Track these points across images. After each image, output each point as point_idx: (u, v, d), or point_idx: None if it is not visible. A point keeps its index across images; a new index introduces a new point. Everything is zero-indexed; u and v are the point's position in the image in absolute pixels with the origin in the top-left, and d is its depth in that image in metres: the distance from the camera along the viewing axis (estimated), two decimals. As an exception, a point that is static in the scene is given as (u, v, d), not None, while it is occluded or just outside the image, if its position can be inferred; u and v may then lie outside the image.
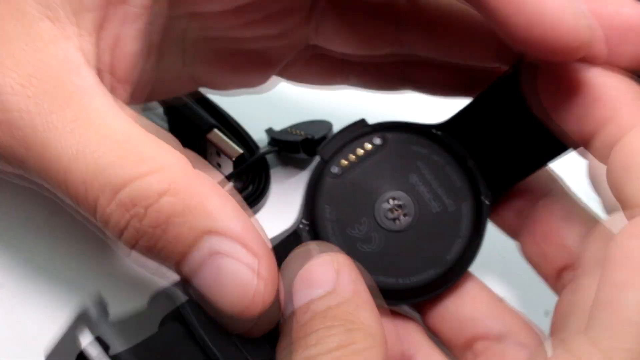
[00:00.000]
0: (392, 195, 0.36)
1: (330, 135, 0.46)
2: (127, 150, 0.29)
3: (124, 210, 0.29)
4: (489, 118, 0.36)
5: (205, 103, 0.47)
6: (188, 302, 0.30)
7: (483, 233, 0.37)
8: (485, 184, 0.37)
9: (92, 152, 0.29)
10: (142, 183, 0.29)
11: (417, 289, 0.36)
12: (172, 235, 0.29)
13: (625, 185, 0.30)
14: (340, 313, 0.31)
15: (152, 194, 0.29)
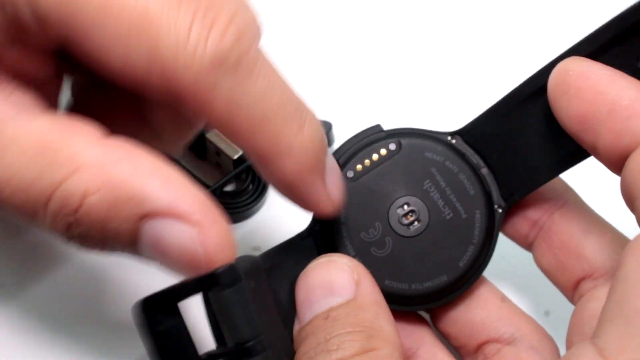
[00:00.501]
0: (406, 201, 0.37)
1: (329, 136, 0.46)
2: (41, 159, 0.29)
3: (58, 222, 0.29)
4: (506, 126, 0.36)
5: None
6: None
7: (495, 241, 0.37)
8: (499, 192, 0.37)
9: (13, 174, 0.29)
10: (63, 190, 0.28)
11: (430, 295, 0.36)
12: (112, 233, 0.29)
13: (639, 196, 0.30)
14: (361, 320, 0.31)
15: (75, 199, 0.28)
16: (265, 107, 0.30)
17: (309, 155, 0.31)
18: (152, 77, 0.28)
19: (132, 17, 0.28)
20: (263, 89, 0.29)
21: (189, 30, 0.28)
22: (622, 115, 0.31)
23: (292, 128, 0.30)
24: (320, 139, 0.32)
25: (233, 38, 0.28)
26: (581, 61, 0.33)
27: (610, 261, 0.36)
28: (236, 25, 0.29)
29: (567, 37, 0.35)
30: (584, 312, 0.35)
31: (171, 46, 0.28)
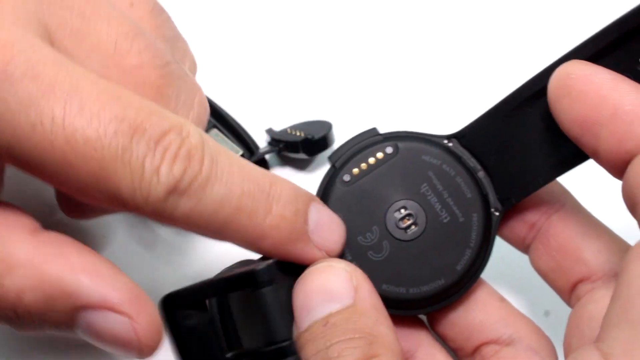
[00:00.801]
0: (403, 205, 0.36)
1: (329, 136, 0.46)
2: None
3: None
4: (503, 129, 0.36)
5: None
6: None
7: (492, 244, 0.37)
8: (495, 196, 0.37)
9: None
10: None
11: (427, 299, 0.36)
12: (50, 322, 0.31)
13: None
14: (361, 326, 0.31)
15: (11, 296, 0.30)
16: (226, 211, 0.31)
17: (283, 231, 0.32)
18: (114, 206, 0.30)
19: (93, 169, 0.29)
20: (220, 197, 0.31)
21: (142, 168, 0.29)
22: (625, 119, 0.31)
23: (258, 217, 0.32)
24: (292, 211, 0.33)
25: (183, 164, 0.30)
26: (583, 64, 0.33)
27: (609, 264, 0.36)
28: (187, 146, 0.30)
29: (565, 41, 0.35)
30: (583, 314, 0.35)
31: (128, 187, 0.29)
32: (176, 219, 0.31)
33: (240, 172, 0.32)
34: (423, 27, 0.54)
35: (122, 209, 0.30)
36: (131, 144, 0.29)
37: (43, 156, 0.29)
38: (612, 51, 0.33)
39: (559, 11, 0.55)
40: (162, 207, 0.30)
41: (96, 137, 0.29)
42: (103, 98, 0.29)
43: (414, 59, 0.53)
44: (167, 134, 0.30)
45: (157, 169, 0.29)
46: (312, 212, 0.34)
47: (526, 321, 0.38)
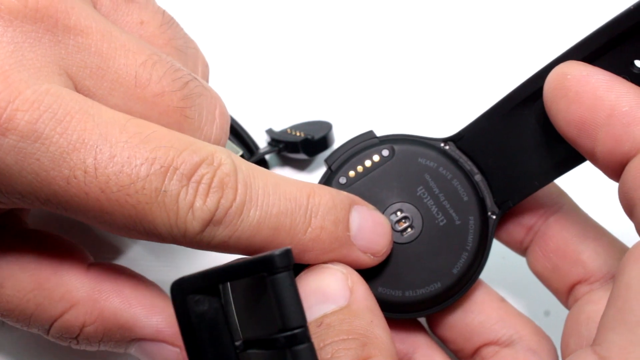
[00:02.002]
0: (399, 207, 0.36)
1: (329, 136, 0.46)
2: (38, 295, 0.34)
3: (60, 341, 0.35)
4: (500, 131, 0.36)
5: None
6: None
7: (489, 247, 0.37)
8: (492, 199, 0.37)
9: (14, 307, 0.34)
10: (62, 322, 0.34)
11: (424, 302, 0.36)
12: (107, 347, 0.35)
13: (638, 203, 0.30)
14: (355, 328, 0.31)
15: (74, 329, 0.34)
16: (265, 233, 0.32)
17: (325, 243, 0.33)
18: (153, 240, 0.32)
19: (129, 213, 0.30)
20: (257, 220, 0.32)
21: (176, 206, 0.30)
22: (621, 121, 0.31)
23: (298, 233, 0.33)
24: (332, 221, 0.33)
25: (217, 195, 0.31)
26: (580, 65, 0.32)
27: (606, 266, 0.36)
28: (219, 176, 0.31)
29: (559, 42, 0.35)
30: (581, 315, 0.35)
31: (165, 226, 0.30)
32: (215, 247, 0.32)
33: (275, 191, 0.32)
34: (421, 30, 0.54)
35: (160, 241, 0.31)
36: (163, 185, 0.30)
37: (80, 206, 0.30)
38: (606, 52, 0.32)
39: (553, 13, 0.55)
40: (200, 238, 0.31)
41: (129, 182, 0.29)
42: (132, 142, 0.30)
43: (412, 62, 0.53)
44: (198, 167, 0.31)
45: (191, 205, 0.30)
46: (354, 217, 0.34)
47: (526, 321, 0.38)
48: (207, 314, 0.29)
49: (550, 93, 0.33)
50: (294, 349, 0.27)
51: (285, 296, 0.28)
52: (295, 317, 0.28)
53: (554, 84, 0.33)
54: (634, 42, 0.32)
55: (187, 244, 0.31)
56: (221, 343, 0.29)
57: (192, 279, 0.29)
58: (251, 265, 0.28)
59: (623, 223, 0.34)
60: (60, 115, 0.29)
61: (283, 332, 0.28)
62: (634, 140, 0.30)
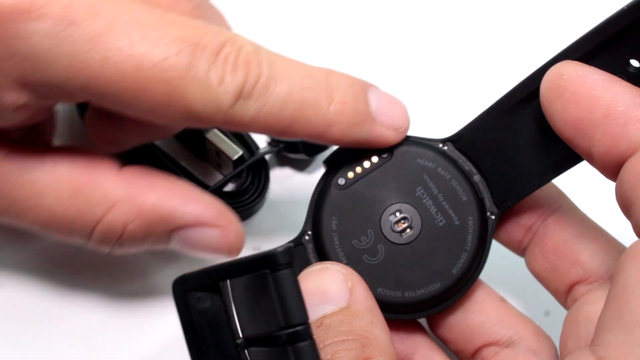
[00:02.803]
0: (398, 208, 0.36)
1: None
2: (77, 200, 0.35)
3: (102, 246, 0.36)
4: (498, 132, 0.36)
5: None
6: None
7: (488, 248, 0.37)
8: (491, 199, 0.37)
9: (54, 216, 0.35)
10: (104, 224, 0.35)
11: (423, 302, 0.36)
12: (148, 244, 0.37)
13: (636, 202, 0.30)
14: (355, 328, 0.31)
15: (117, 229, 0.35)
16: (292, 107, 0.34)
17: (348, 116, 0.35)
18: (190, 122, 0.34)
19: (163, 89, 0.32)
20: (284, 94, 0.34)
21: (208, 80, 0.32)
22: (618, 121, 0.31)
23: (322, 107, 0.35)
24: (352, 96, 0.36)
25: (244, 70, 0.33)
26: (576, 65, 0.32)
27: (605, 266, 0.36)
28: (243, 54, 0.33)
29: (555, 43, 0.35)
30: (579, 316, 0.35)
31: (199, 100, 0.32)
32: (247, 123, 0.34)
33: (297, 70, 0.35)
34: (418, 31, 0.54)
35: (195, 123, 0.34)
36: (195, 60, 0.32)
37: (117, 87, 0.32)
38: (601, 52, 0.32)
39: (548, 13, 0.55)
40: (233, 112, 0.33)
41: (163, 58, 0.31)
42: (161, 24, 0.32)
43: (409, 63, 0.53)
44: (224, 46, 0.33)
45: (222, 79, 0.32)
46: (372, 95, 0.37)
47: (526, 322, 0.38)
48: (209, 312, 0.29)
49: (546, 93, 0.33)
50: (295, 345, 0.27)
51: (287, 293, 0.28)
52: (297, 314, 0.28)
53: (550, 84, 0.33)
54: (628, 41, 0.32)
55: (220, 122, 0.33)
56: (223, 341, 0.29)
57: (194, 276, 0.29)
58: (253, 262, 0.28)
59: (620, 223, 0.34)
60: (91, 1, 0.31)
61: (285, 329, 0.28)
62: (631, 140, 0.30)
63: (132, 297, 0.43)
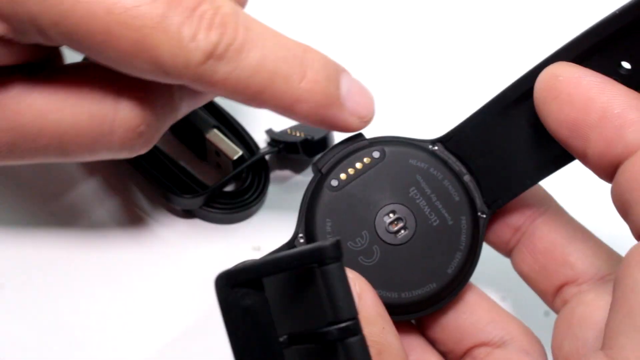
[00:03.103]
0: (392, 209, 0.36)
1: (329, 137, 0.46)
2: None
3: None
4: (489, 132, 0.36)
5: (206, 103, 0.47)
6: None
7: (480, 247, 0.37)
8: (482, 199, 0.37)
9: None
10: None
11: (420, 303, 0.36)
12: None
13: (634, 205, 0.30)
14: (368, 335, 0.31)
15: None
16: (263, 75, 0.34)
17: (318, 96, 0.35)
18: (158, 76, 0.33)
19: (133, 36, 0.32)
20: (256, 61, 0.33)
21: (180, 34, 0.32)
22: (613, 123, 0.31)
23: (294, 81, 0.35)
24: (325, 76, 0.36)
25: (219, 30, 0.33)
26: (571, 66, 0.32)
27: (594, 267, 0.36)
28: (220, 15, 0.33)
29: (548, 44, 0.34)
30: (573, 317, 0.35)
31: (168, 54, 0.32)
32: (215, 84, 0.33)
33: (274, 39, 0.34)
34: (407, 32, 0.54)
35: (163, 77, 0.33)
36: (168, 12, 0.32)
37: (87, 29, 0.31)
38: (593, 55, 0.32)
39: (541, 14, 0.55)
40: (202, 71, 0.33)
41: (135, 5, 0.31)
42: None
43: (399, 64, 0.53)
44: (201, 4, 0.33)
45: (195, 36, 0.32)
46: (344, 80, 0.37)
47: (517, 323, 0.38)
48: (252, 308, 0.28)
49: (541, 94, 0.33)
50: (346, 341, 0.27)
51: (337, 287, 0.27)
52: (347, 309, 0.27)
53: (545, 85, 0.33)
54: (620, 44, 0.32)
55: (188, 78, 0.33)
56: (266, 338, 0.29)
57: (238, 271, 0.28)
58: (301, 256, 0.28)
59: (606, 224, 0.35)
60: None
61: (334, 324, 0.27)
62: (626, 142, 0.30)
63: (132, 299, 0.44)
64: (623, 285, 0.29)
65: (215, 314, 0.28)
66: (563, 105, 0.32)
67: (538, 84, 0.33)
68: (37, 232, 0.44)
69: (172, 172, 0.45)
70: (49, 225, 0.44)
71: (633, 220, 0.30)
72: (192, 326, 0.43)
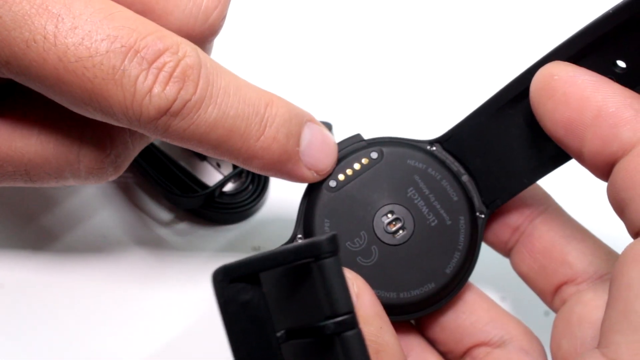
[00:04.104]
0: (391, 209, 0.36)
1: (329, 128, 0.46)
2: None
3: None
4: (486, 132, 0.36)
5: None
6: None
7: (479, 247, 0.37)
8: (480, 199, 0.37)
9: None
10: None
11: (418, 303, 0.36)
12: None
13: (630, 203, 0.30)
14: (366, 335, 0.31)
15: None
16: (219, 132, 0.32)
17: (274, 152, 0.34)
18: (110, 122, 0.32)
19: (85, 86, 0.30)
20: (213, 119, 0.32)
21: (134, 88, 0.30)
22: (608, 122, 0.31)
23: (251, 139, 0.33)
24: (285, 133, 0.34)
25: (177, 85, 0.31)
26: (566, 66, 0.32)
27: (592, 267, 0.36)
28: (182, 67, 0.31)
29: (543, 44, 0.35)
30: (572, 317, 0.35)
31: (120, 106, 0.31)
32: (169, 136, 0.32)
33: (236, 94, 0.33)
34: (405, 33, 0.54)
35: (116, 124, 0.32)
36: (123, 64, 0.30)
37: (38, 72, 0.30)
38: (589, 53, 0.32)
39: (537, 14, 0.55)
40: (155, 125, 0.31)
41: (87, 55, 0.30)
42: (96, 16, 0.30)
43: (397, 65, 0.53)
44: (162, 54, 0.31)
45: (150, 90, 0.31)
46: (306, 133, 0.35)
47: (516, 322, 0.38)
48: (250, 303, 0.28)
49: (536, 94, 0.33)
50: (343, 335, 0.27)
51: (333, 281, 0.27)
52: (343, 303, 0.27)
53: (541, 84, 0.33)
54: (615, 43, 0.32)
55: (140, 129, 0.32)
56: (264, 333, 0.28)
57: (235, 266, 0.28)
58: (298, 250, 0.28)
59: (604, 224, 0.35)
60: None
61: (331, 318, 0.27)
62: (621, 141, 0.31)
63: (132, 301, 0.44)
64: (618, 283, 0.29)
65: (216, 313, 0.28)
66: (558, 104, 0.32)
67: (534, 83, 0.33)
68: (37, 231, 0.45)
69: (172, 172, 0.45)
70: (49, 228, 0.45)
71: (629, 218, 0.30)
72: (192, 326, 0.43)
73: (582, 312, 0.35)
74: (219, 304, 0.28)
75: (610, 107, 0.31)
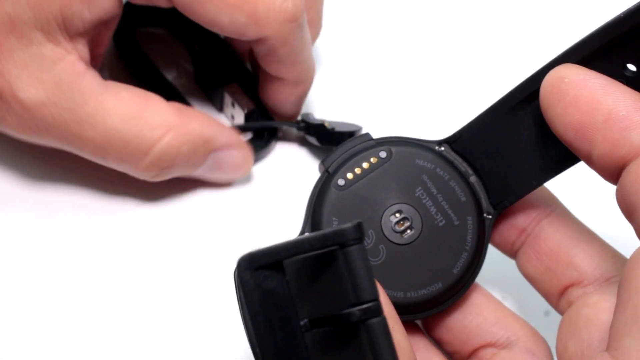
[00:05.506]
0: (399, 209, 0.36)
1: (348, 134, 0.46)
2: (137, 122, 0.40)
3: (153, 167, 0.42)
4: (495, 133, 0.36)
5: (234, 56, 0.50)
6: None
7: (486, 248, 0.37)
8: (487, 200, 0.37)
9: (116, 133, 0.40)
10: (162, 146, 0.41)
11: (425, 302, 0.36)
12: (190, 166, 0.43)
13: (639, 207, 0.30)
14: None
15: (173, 151, 0.41)
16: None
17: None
18: (249, 28, 0.40)
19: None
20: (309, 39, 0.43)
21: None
22: (619, 125, 0.31)
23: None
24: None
25: (299, 3, 0.40)
26: (577, 68, 0.32)
27: (599, 269, 0.36)
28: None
29: (554, 45, 0.34)
30: (578, 319, 0.35)
31: (264, 9, 0.40)
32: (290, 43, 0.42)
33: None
34: (414, 33, 0.54)
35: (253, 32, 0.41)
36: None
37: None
38: (598, 57, 0.32)
39: (548, 16, 0.55)
40: (284, 29, 0.40)
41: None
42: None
43: (405, 65, 0.53)
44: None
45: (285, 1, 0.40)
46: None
47: (523, 323, 0.38)
48: (274, 292, 0.28)
49: (547, 96, 0.33)
50: (368, 322, 0.27)
51: (359, 269, 0.27)
52: (369, 290, 0.27)
53: (551, 87, 0.32)
54: (625, 46, 0.32)
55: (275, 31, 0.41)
56: (288, 322, 0.28)
57: (261, 254, 0.28)
58: (323, 238, 0.27)
59: (612, 226, 0.35)
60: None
61: (356, 305, 0.27)
62: (631, 144, 0.30)
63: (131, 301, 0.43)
64: (627, 286, 0.29)
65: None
66: (569, 107, 0.32)
67: (544, 85, 0.33)
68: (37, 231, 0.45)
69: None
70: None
71: (638, 222, 0.30)
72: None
73: (589, 315, 0.35)
74: (243, 291, 0.28)
75: (620, 110, 0.31)
